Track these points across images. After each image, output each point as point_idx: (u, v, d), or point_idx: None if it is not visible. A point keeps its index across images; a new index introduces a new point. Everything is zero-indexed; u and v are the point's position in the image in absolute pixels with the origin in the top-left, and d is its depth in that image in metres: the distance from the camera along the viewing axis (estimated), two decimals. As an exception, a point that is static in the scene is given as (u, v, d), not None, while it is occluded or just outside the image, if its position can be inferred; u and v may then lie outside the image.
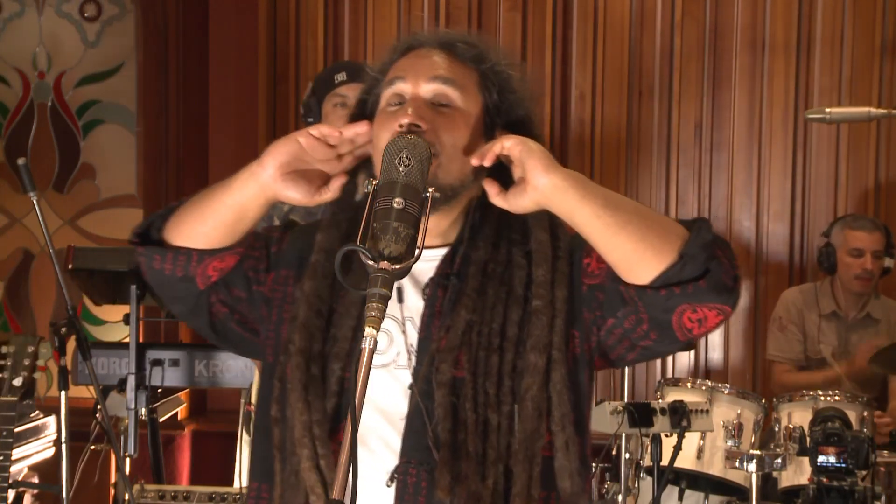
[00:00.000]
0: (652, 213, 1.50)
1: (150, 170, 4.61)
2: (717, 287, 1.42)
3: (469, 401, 1.47)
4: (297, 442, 1.48)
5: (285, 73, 4.80)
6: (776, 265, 4.63)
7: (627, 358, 1.57)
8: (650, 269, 1.43)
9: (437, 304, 1.54)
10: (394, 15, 4.73)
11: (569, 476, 1.50)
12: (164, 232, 1.60)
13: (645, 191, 4.67)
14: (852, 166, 4.58)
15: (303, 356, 1.52)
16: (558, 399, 1.50)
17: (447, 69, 1.57)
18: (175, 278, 1.59)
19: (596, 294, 1.53)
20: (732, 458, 3.27)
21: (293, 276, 1.62)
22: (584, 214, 1.43)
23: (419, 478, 1.47)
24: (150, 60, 4.60)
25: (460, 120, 1.54)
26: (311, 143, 1.51)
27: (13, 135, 4.67)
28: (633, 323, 1.49)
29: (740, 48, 4.62)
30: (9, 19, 4.67)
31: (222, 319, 1.64)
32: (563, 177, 1.43)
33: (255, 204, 1.54)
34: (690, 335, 1.47)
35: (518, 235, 1.58)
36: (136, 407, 3.15)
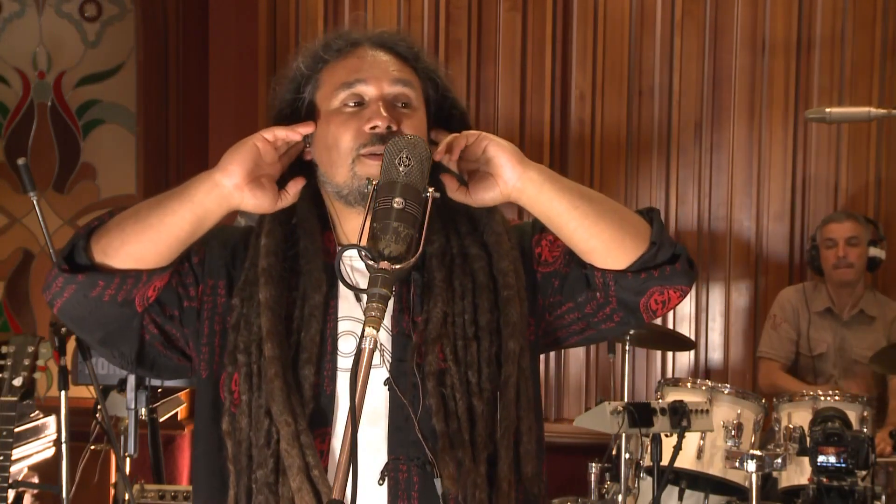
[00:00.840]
0: (616, 203, 1.55)
1: (150, 170, 4.61)
2: (685, 270, 1.51)
3: (457, 390, 1.48)
4: (286, 453, 1.44)
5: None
6: (776, 265, 4.63)
7: (571, 340, 1.62)
8: (628, 253, 1.48)
9: (404, 300, 1.53)
10: (394, 15, 4.73)
11: (531, 459, 1.52)
12: (95, 254, 1.47)
13: (645, 191, 4.67)
14: (852, 166, 4.58)
15: (279, 364, 1.47)
16: (525, 385, 1.52)
17: (399, 70, 1.57)
18: (113, 304, 1.48)
19: (552, 280, 1.57)
20: (732, 458, 3.27)
21: (223, 284, 1.57)
22: (559, 206, 1.47)
23: (410, 473, 1.47)
24: (150, 60, 4.60)
25: (420, 119, 1.56)
26: (266, 147, 1.48)
27: (13, 135, 4.67)
28: (596, 307, 1.54)
29: (740, 48, 4.62)
30: (9, 19, 4.67)
31: (149, 341, 1.56)
32: (538, 171, 1.47)
33: (216, 214, 1.48)
34: (654, 316, 1.54)
35: (466, 227, 1.59)
36: (136, 407, 3.16)
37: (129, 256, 1.47)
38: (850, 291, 4.15)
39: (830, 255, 4.12)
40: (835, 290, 4.16)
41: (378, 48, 1.59)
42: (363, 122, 1.51)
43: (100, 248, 1.47)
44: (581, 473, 3.81)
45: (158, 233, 1.46)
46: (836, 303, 4.16)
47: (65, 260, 1.48)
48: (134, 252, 1.47)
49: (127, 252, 1.46)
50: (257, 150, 1.47)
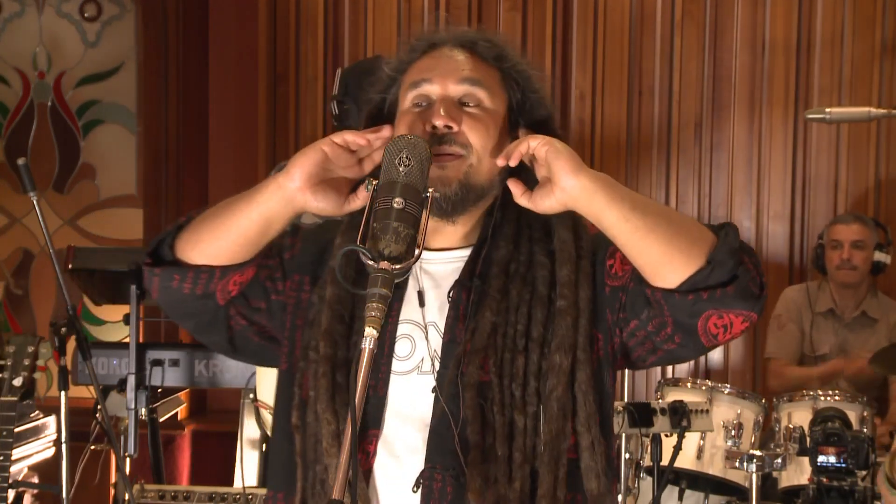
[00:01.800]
0: (680, 216, 1.49)
1: (150, 170, 4.61)
2: (744, 293, 1.41)
3: (496, 403, 1.46)
4: (326, 452, 1.47)
5: (285, 73, 4.79)
6: (776, 265, 4.63)
7: (648, 360, 1.56)
8: (678, 273, 1.41)
9: (462, 308, 1.52)
10: (394, 15, 4.73)
11: (595, 477, 1.48)
12: (177, 249, 1.55)
13: (645, 191, 4.66)
14: (852, 166, 4.58)
15: (328, 364, 1.50)
16: (583, 399, 1.49)
17: (472, 69, 1.56)
18: (193, 296, 1.54)
19: (619, 295, 1.52)
20: (732, 458, 3.27)
21: (308, 280, 1.60)
22: (611, 217, 1.42)
23: (444, 483, 1.45)
24: (150, 60, 4.61)
25: (489, 120, 1.54)
26: (336, 152, 1.48)
27: (13, 135, 4.67)
28: (657, 326, 1.48)
29: (740, 48, 4.62)
30: (9, 19, 4.67)
31: (240, 332, 1.61)
32: (592, 179, 1.43)
33: (282, 216, 1.50)
34: (715, 341, 1.46)
35: (539, 234, 1.57)
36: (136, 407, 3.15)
37: (203, 253, 1.53)
38: (853, 293, 4.15)
39: (835, 256, 4.11)
40: (837, 291, 4.16)
41: (457, 48, 1.58)
42: (425, 123, 1.51)
43: (180, 245, 1.55)
44: (581, 473, 3.81)
45: (228, 232, 1.51)
46: (839, 304, 4.16)
47: (149, 255, 1.56)
48: (207, 249, 1.52)
49: (201, 249, 1.53)
50: (323, 153, 1.47)
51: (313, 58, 4.78)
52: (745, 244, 1.45)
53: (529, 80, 1.61)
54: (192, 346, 3.33)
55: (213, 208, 1.55)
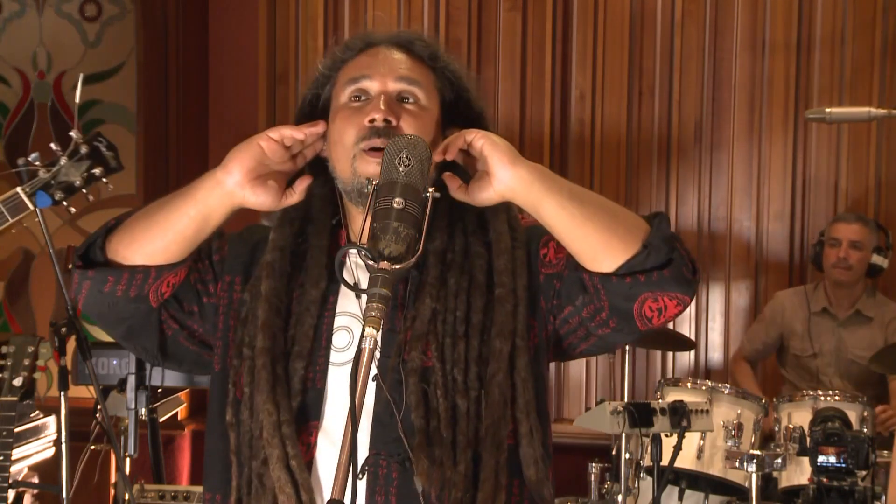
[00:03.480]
0: (614, 205, 1.52)
1: (150, 170, 4.61)
2: (678, 276, 1.46)
3: (440, 388, 1.48)
4: (267, 442, 1.47)
5: (285, 73, 4.80)
6: (776, 265, 4.63)
7: (580, 348, 1.59)
8: (615, 257, 1.45)
9: (399, 297, 1.54)
10: (394, 15, 4.73)
11: (533, 463, 1.51)
12: (108, 251, 1.54)
13: (645, 191, 4.67)
14: (852, 166, 4.58)
15: (268, 356, 1.51)
16: (522, 386, 1.51)
17: (410, 68, 1.59)
18: (126, 299, 1.53)
19: (553, 283, 1.56)
20: (732, 458, 3.27)
21: (239, 280, 1.60)
22: (549, 206, 1.46)
23: (389, 469, 1.47)
24: (150, 60, 4.60)
25: (426, 118, 1.56)
26: (272, 147, 1.50)
27: (13, 135, 4.67)
28: (592, 311, 1.51)
29: (740, 48, 4.62)
30: (9, 19, 4.67)
31: (171, 336, 1.61)
32: (529, 170, 1.46)
33: (220, 212, 1.51)
34: (650, 324, 1.50)
35: (473, 226, 1.59)
36: (136, 407, 3.16)
37: (138, 253, 1.52)
38: (848, 292, 4.16)
39: (832, 254, 4.12)
40: (832, 290, 4.17)
41: (393, 47, 1.61)
42: (364, 117, 1.53)
43: (112, 246, 1.54)
44: (581, 473, 3.81)
45: (164, 230, 1.51)
46: (833, 303, 4.17)
47: (80, 257, 1.54)
48: (142, 249, 1.52)
49: (136, 249, 1.52)
50: (261, 149, 1.49)
51: (313, 58, 4.77)
52: (675, 234, 1.50)
53: (461, 79, 1.63)
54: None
55: (146, 208, 1.55)
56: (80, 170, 2.16)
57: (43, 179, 2.26)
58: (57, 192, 2.23)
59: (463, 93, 1.63)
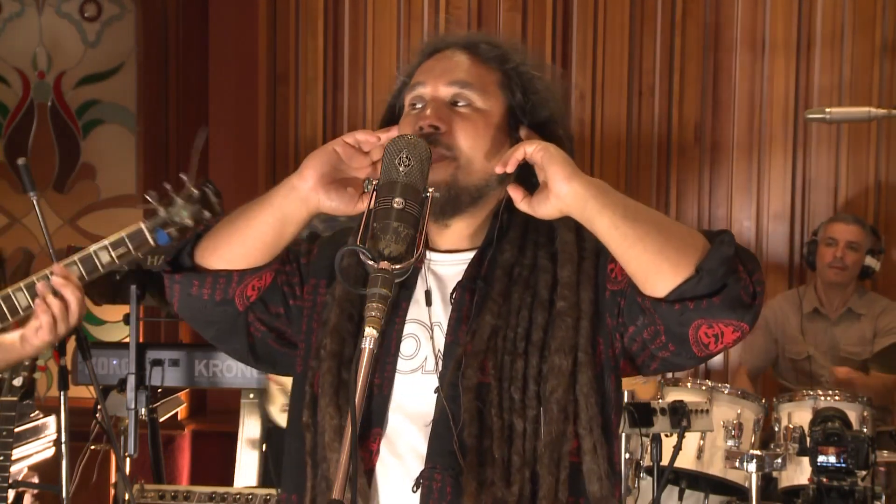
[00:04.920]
0: (674, 224, 1.48)
1: (150, 170, 4.61)
2: (731, 303, 1.40)
3: (495, 406, 1.46)
4: (328, 446, 1.48)
5: (285, 73, 4.80)
6: (776, 265, 4.63)
7: (651, 367, 1.55)
8: (666, 282, 1.41)
9: (465, 309, 1.53)
10: (394, 15, 4.73)
11: (598, 479, 1.48)
12: (196, 257, 1.58)
13: (645, 190, 4.66)
14: (852, 166, 4.58)
15: (334, 360, 1.52)
16: (585, 402, 1.48)
17: (467, 71, 1.57)
18: (213, 303, 1.57)
19: (618, 300, 1.52)
20: (732, 458, 3.27)
21: (324, 284, 1.62)
22: (603, 224, 1.43)
23: (444, 483, 1.45)
24: (150, 60, 4.60)
25: (480, 121, 1.54)
26: (348, 152, 1.50)
27: (13, 135, 4.67)
28: (652, 334, 1.48)
29: (740, 48, 4.62)
30: (9, 19, 4.67)
31: (260, 338, 1.63)
32: (585, 185, 1.43)
33: (297, 218, 1.52)
34: (707, 350, 1.46)
35: (544, 238, 1.58)
36: (136, 407, 3.15)
37: (221, 259, 1.56)
38: (839, 292, 4.16)
39: (827, 253, 4.11)
40: (823, 290, 4.17)
41: (458, 51, 1.60)
42: (417, 124, 1.52)
43: (199, 253, 1.58)
44: (581, 473, 3.81)
45: (244, 236, 1.54)
46: (825, 302, 4.17)
47: (169, 263, 1.60)
48: (225, 255, 1.56)
49: (220, 255, 1.56)
50: (335, 154, 1.49)
51: (313, 58, 4.78)
52: (742, 250, 1.44)
53: (531, 81, 1.60)
54: (191, 346, 3.34)
55: (230, 215, 1.58)
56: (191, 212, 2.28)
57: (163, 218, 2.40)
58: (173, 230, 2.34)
59: (532, 95, 1.60)
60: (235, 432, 3.57)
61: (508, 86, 1.59)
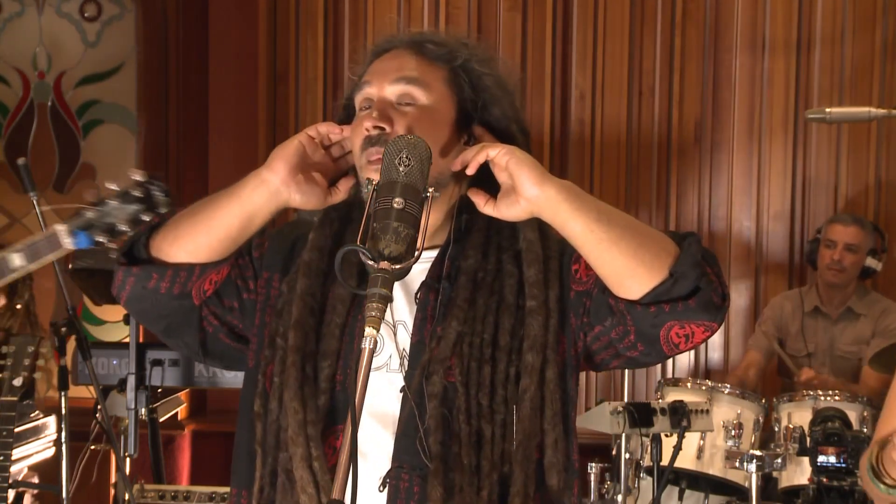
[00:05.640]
0: (644, 227, 1.49)
1: (150, 170, 4.54)
2: (706, 305, 1.43)
3: (462, 412, 1.46)
4: (291, 441, 1.47)
5: (285, 73, 4.79)
6: (776, 265, 4.63)
7: (611, 364, 1.57)
8: (641, 285, 1.43)
9: (429, 309, 1.53)
10: (394, 15, 4.73)
11: (557, 473, 1.50)
12: (152, 248, 1.55)
13: (645, 191, 4.67)
14: (852, 166, 4.59)
15: (298, 354, 1.51)
16: (551, 398, 1.50)
17: (413, 69, 1.56)
18: (170, 296, 1.54)
19: (583, 300, 1.53)
20: (732, 458, 3.27)
21: (277, 277, 1.60)
22: (576, 227, 1.43)
23: (412, 483, 1.46)
24: (150, 60, 4.60)
25: (427, 118, 1.53)
26: (312, 144, 1.50)
27: (13, 135, 4.67)
28: (621, 334, 1.49)
29: (740, 48, 4.62)
30: (9, 19, 4.67)
31: (212, 333, 1.61)
32: (557, 189, 1.43)
33: (265, 211, 1.51)
34: (677, 350, 1.48)
35: (507, 240, 1.57)
36: (136, 407, 3.15)
37: (182, 251, 1.52)
38: (840, 292, 4.17)
39: (826, 255, 4.12)
40: (824, 289, 4.18)
41: (405, 49, 1.59)
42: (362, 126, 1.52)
43: (156, 244, 1.54)
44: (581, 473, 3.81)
45: (209, 229, 1.52)
46: (825, 301, 4.18)
47: (124, 255, 1.55)
48: (186, 247, 1.52)
49: (180, 247, 1.53)
50: (302, 146, 1.49)
51: (313, 58, 4.78)
52: (708, 253, 1.46)
53: (480, 77, 1.59)
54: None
55: (192, 206, 1.55)
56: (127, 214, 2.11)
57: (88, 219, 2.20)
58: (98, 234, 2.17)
59: (482, 92, 1.59)
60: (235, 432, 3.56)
61: (456, 82, 1.58)
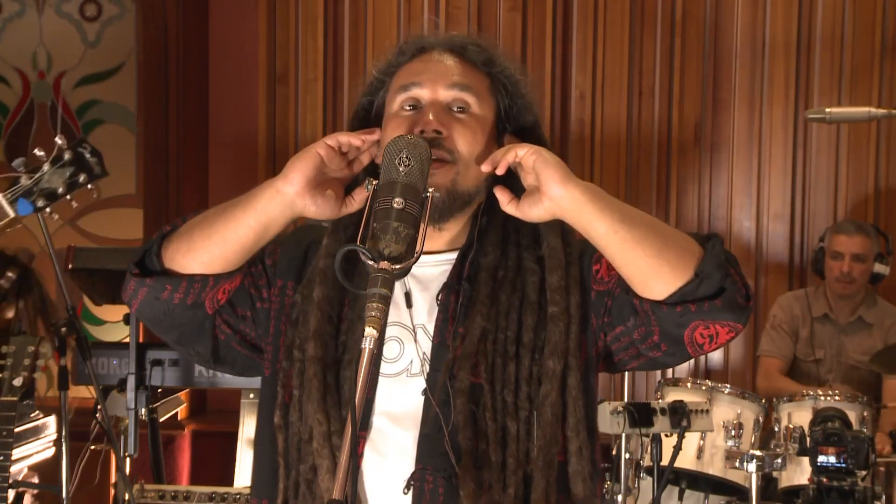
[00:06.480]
0: (667, 228, 1.49)
1: (150, 170, 4.61)
2: (731, 305, 1.43)
3: (488, 410, 1.46)
4: (317, 452, 1.47)
5: (285, 73, 4.80)
6: (776, 265, 4.63)
7: (630, 365, 1.57)
8: (666, 285, 1.42)
9: (451, 310, 1.52)
10: (394, 15, 4.73)
11: (582, 481, 1.49)
12: (165, 258, 1.53)
13: (645, 191, 4.67)
14: (852, 166, 4.59)
15: (319, 364, 1.50)
16: (573, 405, 1.49)
17: (462, 75, 1.56)
18: (183, 307, 1.53)
19: (605, 300, 1.53)
20: (732, 458, 3.27)
21: (291, 285, 1.59)
22: (600, 228, 1.43)
23: (436, 484, 1.45)
24: (150, 60, 4.60)
25: (477, 127, 1.54)
26: (330, 154, 1.48)
27: (13, 135, 4.67)
28: (644, 334, 1.49)
29: (740, 48, 4.62)
30: (9, 19, 4.67)
31: (224, 341, 1.60)
32: (582, 190, 1.43)
33: (280, 222, 1.50)
34: (701, 350, 1.47)
35: (527, 240, 1.57)
36: (136, 407, 3.15)
37: (196, 262, 1.51)
38: (849, 301, 4.15)
39: (835, 267, 4.09)
40: (833, 299, 4.15)
41: (446, 52, 1.58)
42: (414, 126, 1.50)
43: (169, 255, 1.52)
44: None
45: (224, 240, 1.50)
46: (835, 309, 4.15)
47: (136, 265, 1.53)
48: (200, 258, 1.51)
49: (193, 258, 1.51)
50: (320, 157, 1.47)
51: (313, 58, 4.78)
52: (730, 255, 1.46)
53: (517, 85, 1.60)
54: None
55: (204, 215, 1.54)
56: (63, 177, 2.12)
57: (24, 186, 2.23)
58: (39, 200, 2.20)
59: (518, 99, 1.59)
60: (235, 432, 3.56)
61: (496, 90, 1.59)
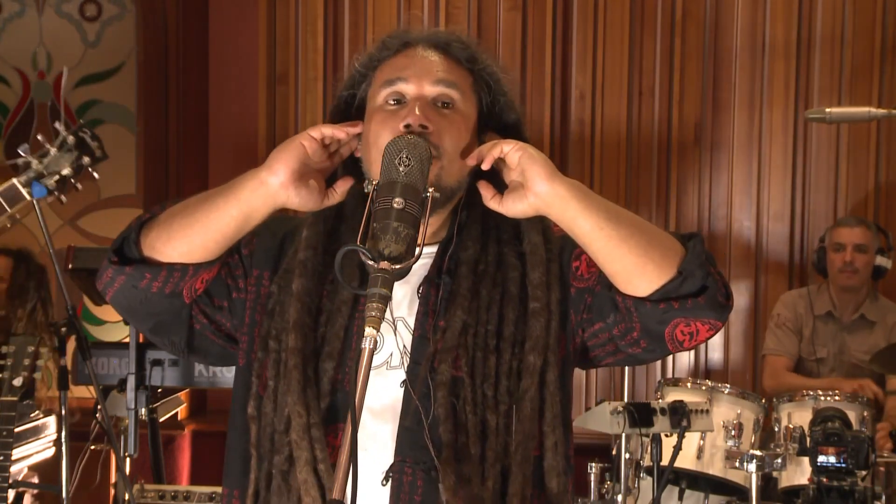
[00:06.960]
0: (650, 226, 1.50)
1: (150, 170, 4.61)
2: (713, 304, 1.45)
3: (469, 403, 1.47)
4: (296, 444, 1.47)
5: (285, 73, 4.80)
6: (776, 265, 4.63)
7: (606, 360, 1.59)
8: (650, 282, 1.44)
9: (431, 303, 1.53)
10: (394, 15, 4.73)
11: (556, 476, 1.51)
12: (144, 246, 1.52)
13: (645, 190, 4.67)
14: (852, 166, 4.59)
15: (299, 356, 1.50)
16: (551, 400, 1.51)
17: (447, 71, 1.56)
18: (161, 295, 1.52)
19: (584, 297, 1.54)
20: (732, 458, 3.27)
21: (267, 275, 1.59)
22: (585, 225, 1.44)
23: (415, 476, 1.46)
24: (150, 60, 4.60)
25: (461, 122, 1.54)
26: (314, 146, 1.49)
27: (13, 135, 4.67)
28: (623, 330, 1.50)
29: (740, 48, 4.62)
30: (9, 19, 4.67)
31: (199, 330, 1.60)
32: (567, 186, 1.43)
33: (261, 212, 1.50)
34: (681, 347, 1.49)
35: (508, 236, 1.58)
36: (136, 407, 3.16)
37: (176, 251, 1.50)
38: (853, 296, 4.14)
39: (837, 259, 4.09)
40: (837, 294, 4.15)
41: (430, 48, 1.58)
42: (399, 121, 1.50)
43: (148, 242, 1.52)
44: (581, 473, 3.81)
45: (205, 229, 1.50)
46: (838, 306, 4.15)
47: (115, 252, 1.52)
48: (180, 247, 1.50)
49: (173, 247, 1.50)
50: (303, 148, 1.48)
51: (313, 58, 4.78)
52: (709, 254, 1.48)
53: (500, 82, 1.60)
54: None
55: (184, 203, 1.53)
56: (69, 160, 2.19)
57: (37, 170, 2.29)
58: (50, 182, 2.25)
59: (500, 97, 1.60)
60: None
61: (478, 87, 1.59)
